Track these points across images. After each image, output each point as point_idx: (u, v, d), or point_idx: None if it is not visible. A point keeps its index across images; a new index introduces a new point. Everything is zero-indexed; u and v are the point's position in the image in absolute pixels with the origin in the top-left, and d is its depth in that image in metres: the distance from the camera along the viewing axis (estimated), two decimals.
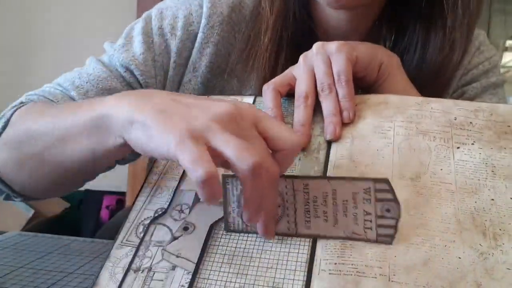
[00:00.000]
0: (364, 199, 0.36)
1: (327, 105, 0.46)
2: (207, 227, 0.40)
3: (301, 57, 0.49)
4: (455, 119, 0.44)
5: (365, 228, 0.36)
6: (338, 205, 0.37)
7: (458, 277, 0.34)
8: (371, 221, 0.36)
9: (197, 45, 0.62)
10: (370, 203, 0.36)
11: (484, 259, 0.35)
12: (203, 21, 0.62)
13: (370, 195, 0.36)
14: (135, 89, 0.62)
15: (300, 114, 0.46)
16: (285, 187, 0.38)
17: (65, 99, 0.58)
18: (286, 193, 0.38)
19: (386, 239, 0.36)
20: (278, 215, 0.38)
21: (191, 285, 0.36)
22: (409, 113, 0.45)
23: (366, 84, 0.51)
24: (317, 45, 0.49)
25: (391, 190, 0.36)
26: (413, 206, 0.38)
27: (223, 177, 0.39)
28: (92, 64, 0.62)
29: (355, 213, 0.36)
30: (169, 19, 0.63)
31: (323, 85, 0.46)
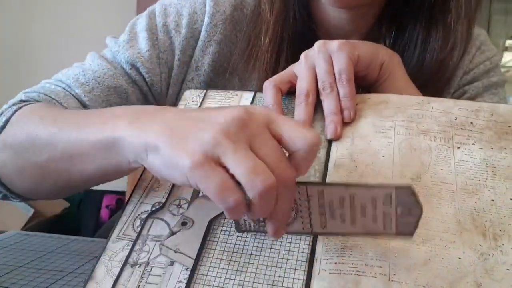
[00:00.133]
0: (384, 203, 0.34)
1: (328, 104, 0.46)
2: (205, 222, 0.40)
3: (302, 55, 0.49)
4: (456, 119, 0.44)
5: (384, 225, 0.35)
6: (356, 208, 0.35)
7: (458, 277, 0.34)
8: (391, 219, 0.35)
9: (200, 43, 0.62)
10: (391, 206, 0.34)
11: (484, 259, 0.35)
12: (206, 19, 0.61)
13: (391, 201, 0.34)
14: (140, 87, 0.62)
15: (300, 112, 0.46)
16: (298, 192, 0.36)
17: (68, 98, 0.57)
18: (300, 199, 0.36)
19: (406, 231, 0.35)
20: (292, 217, 0.37)
21: (190, 281, 0.36)
22: (410, 112, 0.45)
23: (367, 83, 0.51)
24: (318, 44, 0.49)
25: (414, 196, 0.34)
26: None
27: None
28: (96, 61, 0.61)
29: (374, 215, 0.35)
30: (173, 16, 0.62)
31: (324, 83, 0.46)
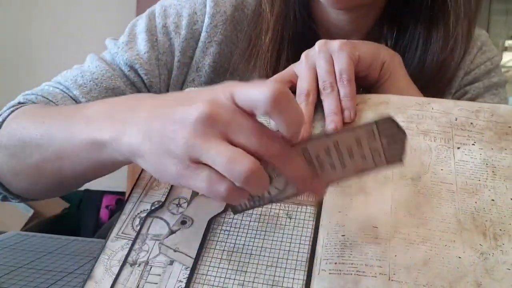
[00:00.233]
0: (368, 140, 0.34)
1: (329, 104, 0.46)
2: (205, 221, 0.40)
3: (303, 55, 0.49)
4: (456, 120, 0.44)
5: (374, 160, 0.35)
6: (343, 152, 0.34)
7: (458, 276, 0.34)
8: (379, 153, 0.34)
9: (200, 44, 0.62)
10: (375, 140, 0.34)
11: (484, 259, 0.35)
12: (207, 20, 0.61)
13: (374, 136, 0.34)
14: (138, 89, 0.61)
15: None
16: None
17: (66, 99, 0.57)
18: None
19: (396, 159, 0.34)
20: (283, 183, 0.36)
21: (190, 280, 0.36)
22: (410, 113, 0.45)
23: (367, 83, 0.51)
24: (319, 43, 0.49)
25: (395, 124, 0.33)
26: (413, 206, 0.38)
27: None
28: (95, 62, 0.61)
29: (362, 153, 0.34)
30: (173, 17, 0.62)
31: (325, 83, 0.46)
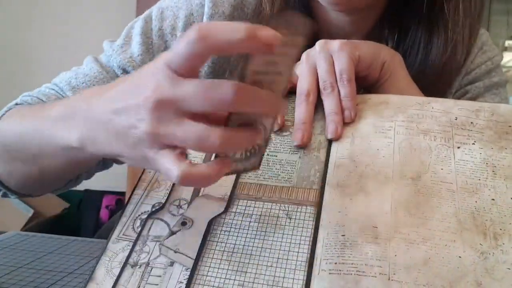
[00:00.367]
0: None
1: (329, 104, 0.46)
2: (205, 222, 0.40)
3: (303, 55, 0.49)
4: (456, 119, 0.44)
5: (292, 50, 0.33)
6: (275, 60, 0.33)
7: (459, 276, 0.34)
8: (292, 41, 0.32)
9: None
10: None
11: (484, 258, 0.35)
12: (205, 21, 0.61)
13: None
14: None
15: (301, 112, 0.45)
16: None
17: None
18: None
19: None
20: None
21: (190, 281, 0.36)
22: (410, 112, 0.45)
23: (368, 83, 0.51)
24: (319, 43, 0.49)
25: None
26: (413, 205, 0.38)
27: None
28: (89, 65, 0.62)
29: (284, 51, 0.32)
30: (170, 19, 0.62)
31: (325, 83, 0.46)
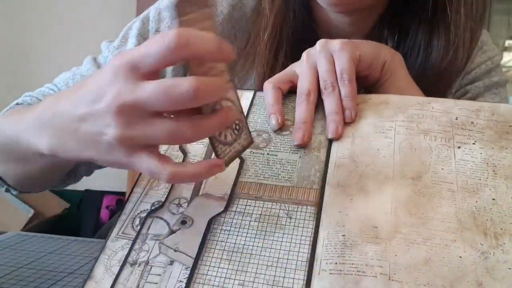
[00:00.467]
0: None
1: (329, 103, 0.45)
2: (205, 221, 0.40)
3: (304, 54, 0.49)
4: (456, 119, 0.44)
5: None
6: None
7: (459, 276, 0.34)
8: None
9: None
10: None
11: (485, 258, 0.35)
12: None
13: None
14: None
15: (302, 111, 0.45)
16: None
17: None
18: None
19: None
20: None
21: (190, 280, 0.36)
22: (410, 112, 0.45)
23: (368, 83, 0.51)
24: (320, 43, 0.49)
25: None
26: (414, 205, 0.38)
27: None
28: (87, 65, 0.63)
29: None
30: (167, 20, 0.63)
31: (326, 83, 0.46)
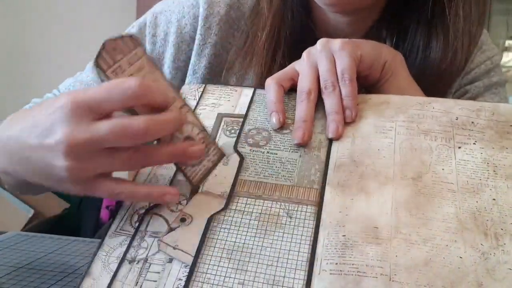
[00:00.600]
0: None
1: (330, 103, 0.45)
2: (205, 219, 0.40)
3: (304, 53, 0.49)
4: (457, 119, 0.44)
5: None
6: None
7: (459, 277, 0.34)
8: None
9: (195, 47, 0.62)
10: None
11: (485, 259, 0.35)
12: (200, 22, 0.62)
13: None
14: None
15: (302, 110, 0.45)
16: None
17: None
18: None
19: None
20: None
21: (189, 278, 0.36)
22: (411, 113, 0.45)
23: (369, 83, 0.51)
24: (321, 42, 0.48)
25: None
26: (414, 205, 0.38)
27: None
28: (87, 72, 0.66)
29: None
30: (162, 25, 0.64)
31: (327, 82, 0.46)
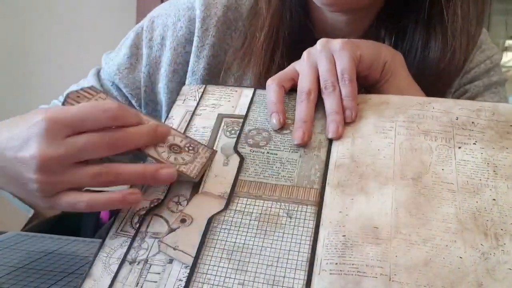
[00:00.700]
0: None
1: (330, 103, 0.45)
2: (205, 220, 0.40)
3: (304, 53, 0.49)
4: (457, 119, 0.44)
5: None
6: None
7: (459, 277, 0.34)
8: None
9: (193, 49, 0.63)
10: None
11: (485, 259, 0.35)
12: (197, 25, 0.62)
13: None
14: (124, 102, 0.66)
15: (302, 110, 0.45)
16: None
17: None
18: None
19: None
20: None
21: (189, 279, 0.36)
22: (411, 113, 0.45)
23: (369, 83, 0.51)
24: (321, 42, 0.48)
25: None
26: (414, 206, 0.38)
27: None
28: (89, 78, 0.67)
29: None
30: (159, 29, 0.64)
31: (327, 82, 0.46)
